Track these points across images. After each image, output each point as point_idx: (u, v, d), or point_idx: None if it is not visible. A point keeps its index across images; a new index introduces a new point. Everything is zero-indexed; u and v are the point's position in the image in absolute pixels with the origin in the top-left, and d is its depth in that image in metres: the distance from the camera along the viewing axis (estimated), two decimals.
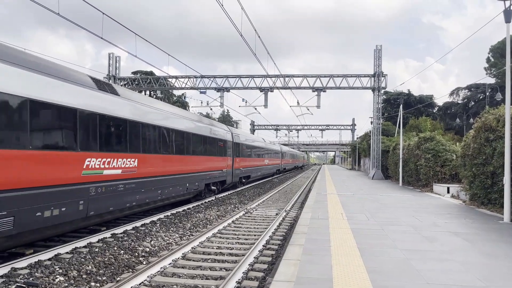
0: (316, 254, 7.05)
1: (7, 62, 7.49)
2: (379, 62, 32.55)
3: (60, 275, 7.13)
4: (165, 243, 9.97)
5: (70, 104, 8.98)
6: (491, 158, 12.93)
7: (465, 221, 11.15)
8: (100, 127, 10.07)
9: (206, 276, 7.20)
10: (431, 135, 23.04)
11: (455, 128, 51.52)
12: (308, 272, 5.98)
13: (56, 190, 8.45)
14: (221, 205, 17.54)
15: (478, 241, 8.40)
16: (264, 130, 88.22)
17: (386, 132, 42.15)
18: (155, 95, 60.18)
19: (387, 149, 32.34)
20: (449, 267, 6.38)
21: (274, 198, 20.68)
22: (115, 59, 34.93)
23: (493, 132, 13.06)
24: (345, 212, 12.49)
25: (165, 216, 13.74)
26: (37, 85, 8.07)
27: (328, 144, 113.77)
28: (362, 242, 8.03)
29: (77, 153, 9.18)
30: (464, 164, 15.28)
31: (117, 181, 10.77)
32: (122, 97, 11.52)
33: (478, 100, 56.19)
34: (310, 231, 9.22)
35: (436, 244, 8.03)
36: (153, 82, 37.40)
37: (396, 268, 6.27)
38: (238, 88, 34.31)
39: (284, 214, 14.77)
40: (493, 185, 13.06)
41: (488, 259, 6.92)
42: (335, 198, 16.89)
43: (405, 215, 12.14)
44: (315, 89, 33.45)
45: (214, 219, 13.68)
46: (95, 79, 10.77)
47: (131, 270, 7.64)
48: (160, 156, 13.61)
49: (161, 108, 14.54)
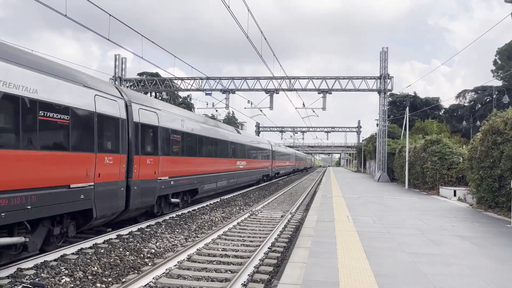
0: (322, 257, 7.02)
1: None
2: (385, 64, 32.42)
3: (66, 275, 7.14)
4: (170, 244, 9.97)
5: (239, 141, 25.20)
6: (499, 161, 12.83)
7: (472, 224, 11.06)
8: (240, 148, 25.49)
9: (211, 278, 7.19)
10: (437, 138, 22.90)
11: (461, 130, 51.25)
12: (314, 275, 5.95)
13: (229, 173, 22.06)
14: (226, 206, 17.53)
15: (485, 245, 8.32)
16: (269, 132, 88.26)
17: (392, 135, 41.96)
18: (161, 96, 60.37)
19: (393, 152, 32.18)
20: (456, 271, 6.32)
21: (279, 200, 20.64)
22: (121, 61, 35.05)
23: (500, 135, 12.96)
24: (351, 214, 12.43)
25: (170, 218, 13.75)
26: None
27: (333, 146, 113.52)
28: (369, 245, 7.99)
29: (234, 159, 23.54)
30: (471, 167, 15.17)
31: (242, 170, 25.46)
32: (242, 134, 27.38)
33: (484, 103, 55.88)
34: (316, 233, 9.18)
35: (443, 248, 7.96)
36: (159, 83, 37.51)
37: (403, 271, 6.22)
38: (243, 89, 34.31)
39: (290, 216, 14.73)
40: (501, 188, 12.96)
41: (496, 263, 6.85)
42: (340, 200, 16.83)
43: (412, 218, 12.06)
44: (321, 91, 33.35)
45: (219, 221, 13.67)
46: (237, 129, 27.06)
47: (136, 271, 7.64)
48: (252, 160, 29.02)
49: (251, 135, 34.19)
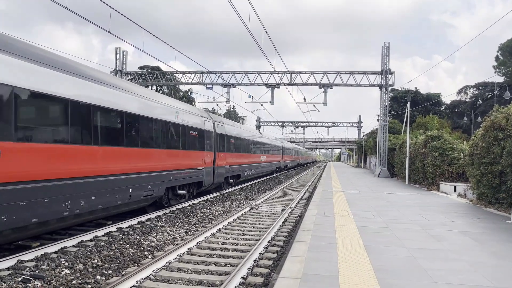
0: (322, 251, 7.02)
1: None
2: (386, 59, 32.29)
3: (66, 268, 7.15)
4: (170, 238, 9.98)
5: (262, 141, 33.60)
6: (500, 157, 12.81)
7: (472, 220, 11.06)
8: (262, 146, 32.99)
9: (211, 272, 7.20)
10: (438, 134, 22.85)
11: (462, 126, 51.18)
12: (314, 269, 5.95)
13: (256, 165, 29.41)
14: (226, 200, 17.54)
15: (486, 241, 8.32)
16: (270, 127, 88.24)
17: (392, 130, 41.89)
18: (162, 90, 60.26)
19: (393, 147, 32.16)
20: (456, 266, 6.32)
21: (279, 195, 20.65)
22: (122, 54, 34.91)
23: (502, 131, 12.93)
24: (351, 209, 12.43)
25: (170, 211, 13.76)
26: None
27: (334, 142, 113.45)
28: (369, 240, 7.99)
29: (258, 154, 30.66)
30: (472, 163, 15.15)
31: (263, 163, 32.55)
32: (263, 135, 35.28)
33: (486, 99, 55.74)
34: (315, 228, 9.18)
35: (443, 243, 7.96)
36: (159, 77, 37.43)
37: (403, 266, 6.22)
38: (244, 84, 34.20)
39: (290, 210, 14.74)
40: (501, 184, 12.94)
41: (496, 259, 6.84)
42: (341, 195, 16.83)
43: (412, 213, 12.06)
44: (322, 85, 33.25)
45: (219, 215, 13.68)
46: (260, 132, 38.99)
47: (136, 264, 7.65)
48: (269, 155, 36.13)
49: (268, 136, 41.59)
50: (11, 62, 7.19)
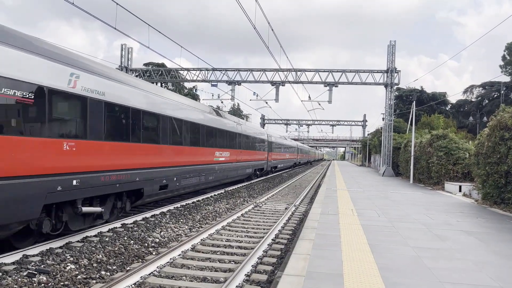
0: (326, 249, 7.01)
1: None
2: (392, 57, 32.15)
3: (71, 263, 7.19)
4: (174, 234, 10.01)
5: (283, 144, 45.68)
6: (506, 157, 12.73)
7: (477, 220, 11.00)
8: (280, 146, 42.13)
9: (215, 268, 7.21)
10: (444, 133, 22.74)
11: (467, 126, 50.87)
12: (318, 267, 5.94)
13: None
14: (231, 198, 17.56)
15: (491, 241, 8.28)
16: (274, 124, 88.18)
17: (397, 129, 41.79)
18: (166, 86, 60.34)
19: (398, 146, 32.04)
20: (461, 266, 6.30)
21: (283, 193, 20.65)
22: (128, 50, 34.95)
23: (508, 130, 12.84)
24: (355, 208, 12.41)
25: (174, 208, 13.79)
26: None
27: (338, 140, 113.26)
28: (373, 239, 7.97)
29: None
30: (478, 162, 15.06)
31: (285, 159, 45.10)
32: (288, 140, 53.04)
33: (492, 98, 55.42)
34: (320, 226, 9.17)
35: (448, 243, 7.93)
36: (164, 74, 37.48)
37: (407, 265, 6.20)
38: (249, 81, 34.16)
39: (294, 208, 14.73)
40: (507, 184, 12.87)
41: (501, 259, 6.81)
42: (345, 194, 16.80)
43: (416, 212, 12.02)
44: (327, 84, 33.16)
45: (223, 212, 13.70)
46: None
47: (140, 260, 7.68)
48: (295, 154, 54.20)
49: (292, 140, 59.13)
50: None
